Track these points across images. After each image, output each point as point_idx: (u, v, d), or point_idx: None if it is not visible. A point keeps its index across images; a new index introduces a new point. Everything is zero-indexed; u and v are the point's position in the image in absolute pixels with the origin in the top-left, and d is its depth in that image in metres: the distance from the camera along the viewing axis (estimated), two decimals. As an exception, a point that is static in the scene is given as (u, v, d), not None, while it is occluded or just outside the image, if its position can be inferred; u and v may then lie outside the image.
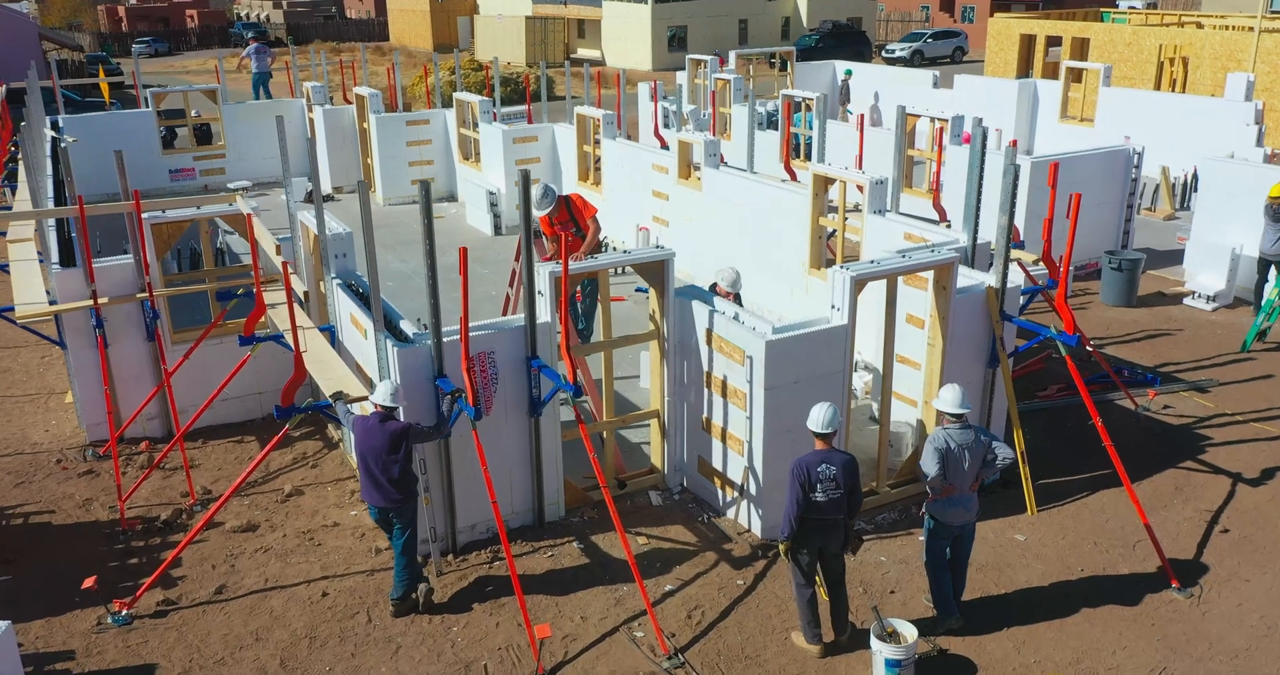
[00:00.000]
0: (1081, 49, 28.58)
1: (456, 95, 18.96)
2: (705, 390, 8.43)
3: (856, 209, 12.22)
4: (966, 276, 8.70)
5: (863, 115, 15.55)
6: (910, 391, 9.31)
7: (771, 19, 54.22)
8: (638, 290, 14.12)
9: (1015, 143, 13.08)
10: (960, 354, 8.61)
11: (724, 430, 8.29)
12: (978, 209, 9.42)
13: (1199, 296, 13.62)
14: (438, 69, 20.54)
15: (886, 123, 25.03)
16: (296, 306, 9.11)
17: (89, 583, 7.70)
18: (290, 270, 8.28)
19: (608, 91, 39.78)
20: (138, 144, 20.44)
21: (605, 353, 8.56)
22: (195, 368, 9.78)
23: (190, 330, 10.31)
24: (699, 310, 8.30)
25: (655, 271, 8.34)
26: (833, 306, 7.92)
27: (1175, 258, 15.24)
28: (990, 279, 8.68)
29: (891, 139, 15.55)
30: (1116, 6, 58.05)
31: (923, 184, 15.77)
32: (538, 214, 9.83)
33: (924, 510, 7.00)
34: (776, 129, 19.35)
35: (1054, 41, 30.30)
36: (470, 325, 7.69)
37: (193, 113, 21.80)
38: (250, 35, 24.63)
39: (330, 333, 9.26)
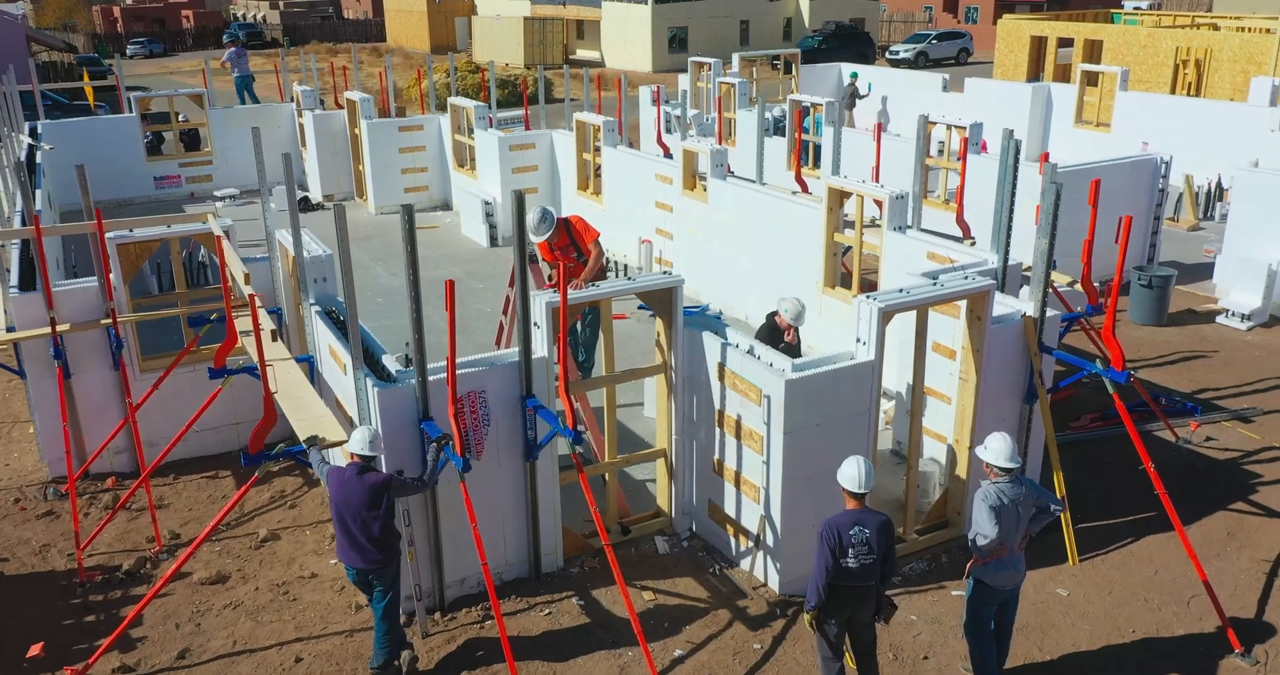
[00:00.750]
0: (1093, 51, 27.87)
1: (451, 100, 18.24)
2: (717, 430, 7.71)
3: (874, 224, 11.50)
4: (1001, 304, 7.98)
5: (880, 124, 14.75)
6: (938, 426, 8.60)
7: (773, 20, 53.48)
8: (640, 308, 13.38)
9: (1047, 156, 12.31)
10: (994, 388, 7.89)
11: (738, 474, 7.57)
12: (1009, 228, 8.69)
13: (1233, 315, 12.90)
14: (431, 72, 19.79)
15: (893, 127, 24.34)
16: (272, 337, 8.40)
17: (35, 651, 6.96)
18: (260, 303, 7.54)
19: (608, 94, 39.06)
20: (121, 150, 19.76)
21: (607, 389, 7.84)
22: (167, 397, 9.06)
23: (162, 356, 9.60)
24: (710, 342, 7.58)
25: (663, 300, 7.61)
26: (858, 340, 7.19)
27: (1203, 272, 14.53)
28: (1027, 307, 7.96)
29: (911, 149, 14.89)
30: (1122, 7, 57.39)
31: (937, 194, 15.05)
32: (535, 240, 9.08)
33: (968, 573, 6.28)
34: (783, 135, 18.66)
35: (1064, 42, 29.58)
36: (459, 362, 6.97)
37: (179, 117, 21.08)
38: (227, 39, 23.78)
39: (309, 364, 8.54)
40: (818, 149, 17.75)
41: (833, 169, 11.77)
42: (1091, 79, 22.06)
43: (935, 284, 7.55)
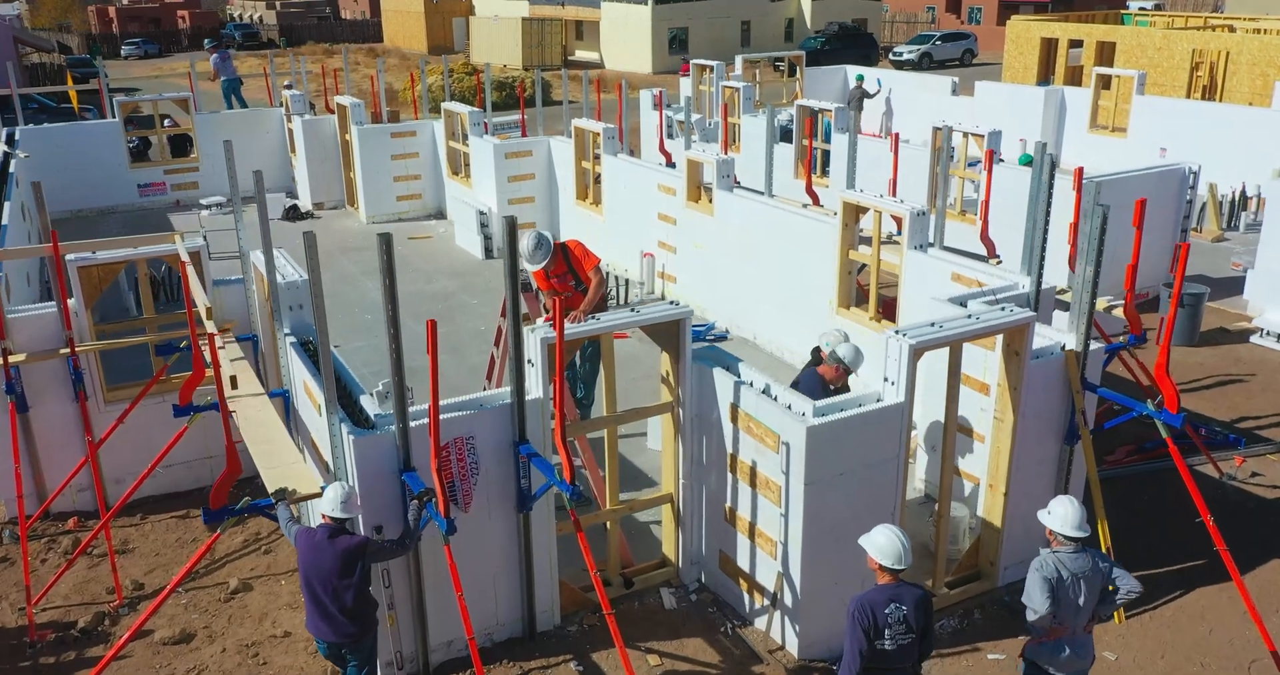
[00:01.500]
0: (1104, 53, 27.19)
1: (445, 105, 17.55)
2: (729, 475, 7.02)
3: (892, 240, 10.82)
4: (1038, 335, 7.29)
5: (896, 134, 14.05)
6: (968, 464, 7.93)
7: (774, 21, 52.82)
8: (640, 285, 12.73)
9: (1081, 171, 11.65)
10: (1032, 428, 7.21)
11: (752, 525, 6.88)
12: (1043, 249, 8.01)
13: (1268, 334, 12.22)
14: (424, 76, 19.09)
15: (898, 130, 23.66)
16: (243, 371, 7.72)
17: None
18: (224, 339, 6.85)
19: (607, 96, 38.35)
20: (103, 157, 19.06)
21: (609, 430, 7.15)
22: (134, 430, 8.36)
23: (129, 386, 8.90)
24: (721, 380, 6.89)
25: (669, 333, 6.93)
26: (886, 379, 6.51)
27: (1232, 287, 13.86)
28: (1066, 338, 7.28)
29: (924, 157, 14.22)
30: (1126, 7, 56.75)
31: (956, 206, 14.36)
32: (530, 268, 8.35)
33: (1022, 653, 5.59)
34: (790, 141, 17.99)
35: (1073, 44, 28.87)
36: (444, 404, 6.29)
37: (164, 122, 20.37)
38: (208, 45, 23.08)
39: (284, 400, 7.85)
40: (826, 156, 17.06)
41: (847, 181, 11.09)
42: (1105, 82, 21.38)
43: (970, 316, 6.86)
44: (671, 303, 7.02)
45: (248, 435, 6.85)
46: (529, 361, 6.54)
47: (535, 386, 6.54)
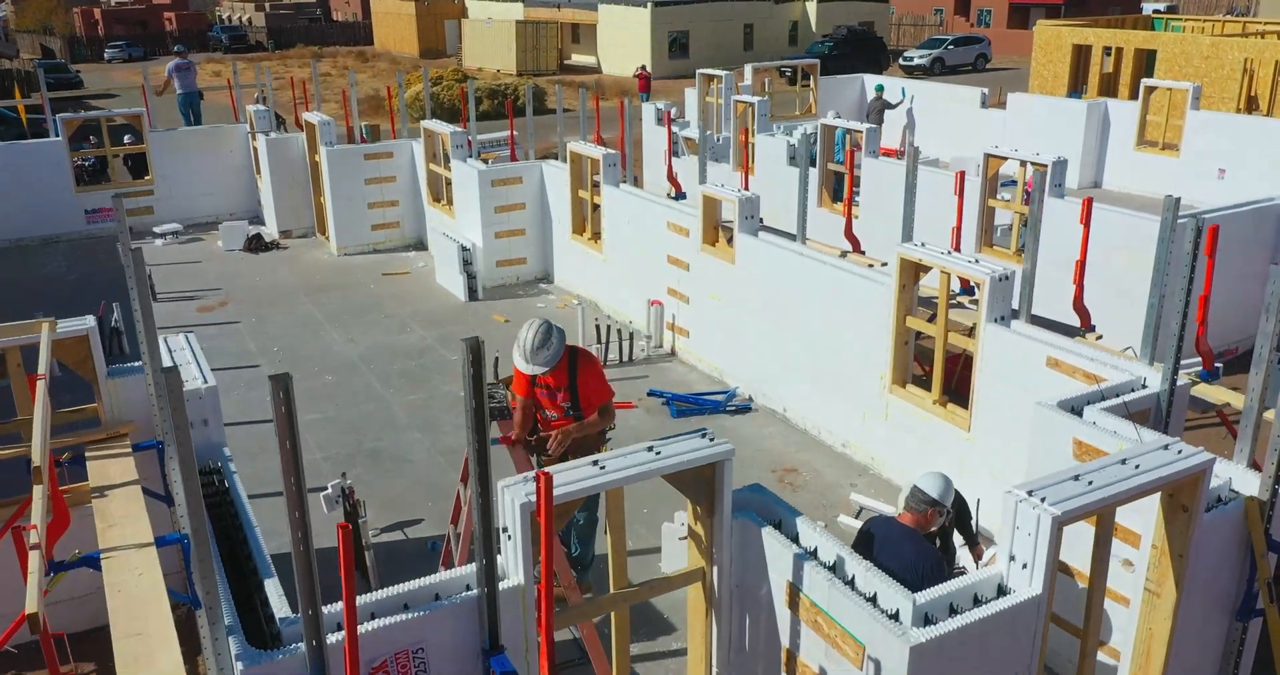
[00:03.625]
0: (1139, 61, 25.27)
1: (425, 124, 15.60)
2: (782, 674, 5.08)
3: (960, 303, 8.89)
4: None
5: (962, 173, 12.01)
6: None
7: (778, 24, 50.94)
8: (651, 393, 10.77)
9: (1090, 202, 9.67)
10: (1195, 601, 5.28)
11: (818, 751, 4.93)
12: (1181, 332, 6.09)
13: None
14: (403, 89, 17.12)
15: (921, 147, 21.74)
16: (128, 505, 5.77)
17: None
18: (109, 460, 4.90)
19: (606, 104, 36.39)
20: (47, 179, 17.08)
21: (617, 613, 5.20)
22: (10, 559, 6.42)
23: (7, 503, 6.96)
24: (775, 547, 4.94)
25: (702, 480, 4.98)
26: (1013, 559, 4.56)
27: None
28: (1247, 482, 5.34)
29: (984, 191, 12.26)
30: (1141, 11, 54.92)
31: (1008, 245, 12.43)
32: (528, 370, 6.22)
33: None
34: (802, 161, 16.10)
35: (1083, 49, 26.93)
36: (381, 598, 4.35)
37: (124, 139, 18.40)
38: (179, 49, 21.14)
39: (185, 552, 5.89)
40: (855, 180, 15.12)
41: (903, 231, 9.12)
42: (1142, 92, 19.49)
43: (1123, 462, 4.90)
44: (702, 434, 5.05)
45: (114, 623, 4.90)
46: (504, 531, 4.59)
47: (513, 569, 4.59)
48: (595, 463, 4.78)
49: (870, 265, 9.99)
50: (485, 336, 4.35)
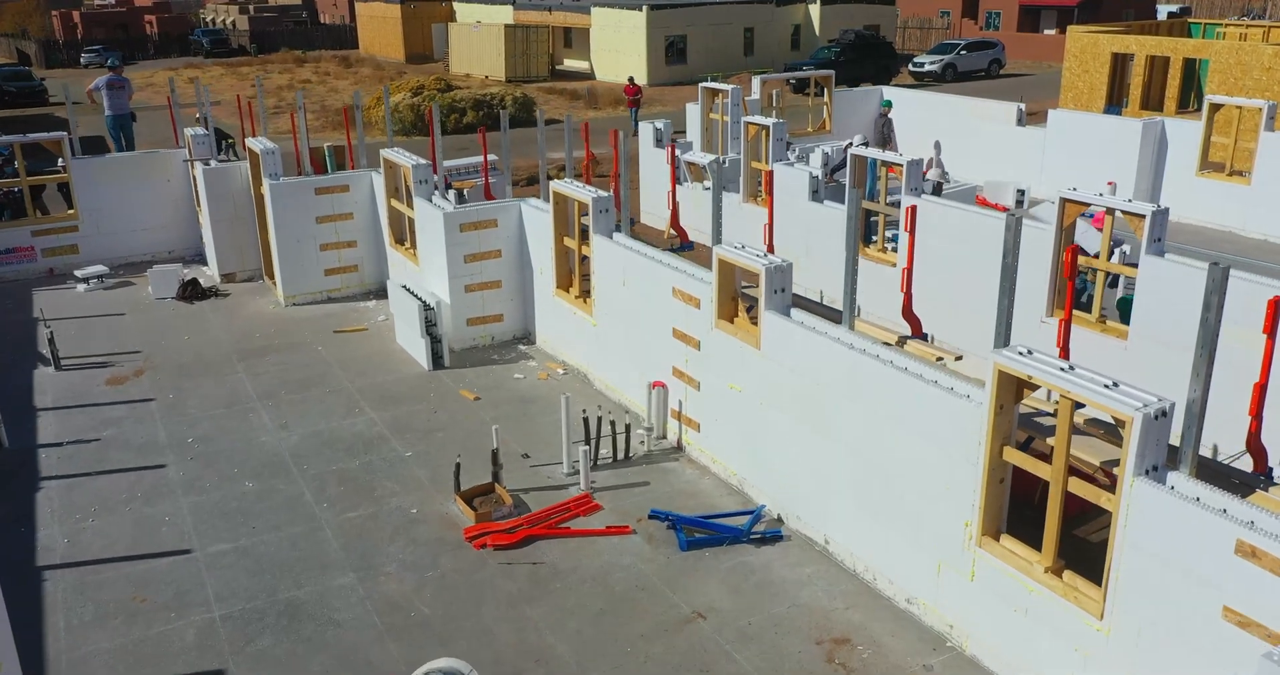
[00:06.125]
0: (1189, 73, 22.98)
1: (385, 154, 13.25)
2: None
3: (1080, 427, 6.59)
4: None
5: (1075, 247, 9.47)
6: None
7: (780, 28, 48.64)
8: (653, 515, 8.40)
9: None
10: None
11: None
12: None
13: None
14: (359, 112, 14.76)
15: (950, 174, 19.45)
16: None
17: None
18: None
19: (598, 114, 34.09)
20: (-51, 215, 14.76)
21: None
22: None
23: None
24: None
25: None
26: None
27: None
28: None
29: (1059, 241, 9.84)
30: (1156, 16, 52.76)
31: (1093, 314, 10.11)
32: None
33: None
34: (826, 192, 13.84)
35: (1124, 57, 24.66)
36: None
37: (60, 165, 16.00)
38: (111, 63, 18.75)
39: None
40: (892, 232, 12.87)
41: (997, 328, 6.71)
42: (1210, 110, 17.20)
43: None
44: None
45: None
46: None
47: None
48: None
49: (939, 358, 7.67)
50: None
